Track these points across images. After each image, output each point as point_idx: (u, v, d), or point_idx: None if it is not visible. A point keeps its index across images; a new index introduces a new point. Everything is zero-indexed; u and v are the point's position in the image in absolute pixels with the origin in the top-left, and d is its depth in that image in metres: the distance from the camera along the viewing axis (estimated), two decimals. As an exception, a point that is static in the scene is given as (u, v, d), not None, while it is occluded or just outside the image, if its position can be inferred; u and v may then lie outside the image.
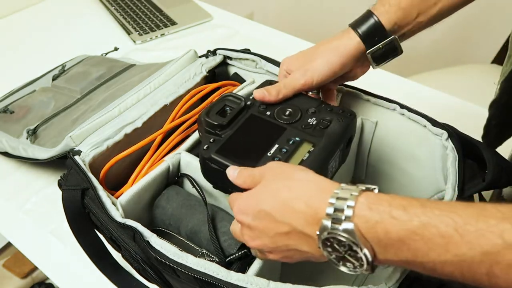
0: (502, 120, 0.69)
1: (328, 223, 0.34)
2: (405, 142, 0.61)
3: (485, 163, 0.50)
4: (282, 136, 0.49)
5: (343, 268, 0.36)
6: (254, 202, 0.40)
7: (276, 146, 0.47)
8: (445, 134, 0.55)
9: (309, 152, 0.47)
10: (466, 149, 0.53)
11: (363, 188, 0.35)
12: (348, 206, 0.34)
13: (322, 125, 0.50)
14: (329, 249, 0.35)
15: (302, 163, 0.45)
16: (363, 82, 0.63)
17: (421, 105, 0.61)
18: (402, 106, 0.60)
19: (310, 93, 0.58)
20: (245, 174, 0.43)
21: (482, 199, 0.53)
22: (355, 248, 0.33)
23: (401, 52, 0.56)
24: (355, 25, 0.54)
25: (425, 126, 0.58)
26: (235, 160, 0.46)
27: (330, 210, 0.34)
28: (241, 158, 0.46)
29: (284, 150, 0.47)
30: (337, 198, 0.34)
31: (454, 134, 0.55)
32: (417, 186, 0.62)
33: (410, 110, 0.59)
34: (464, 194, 0.50)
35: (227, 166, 0.46)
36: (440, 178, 0.57)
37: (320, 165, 0.47)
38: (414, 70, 1.32)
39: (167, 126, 0.62)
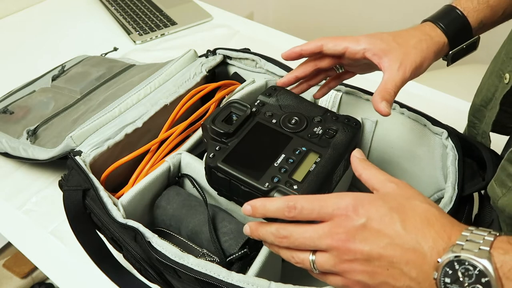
0: None
1: (458, 249, 0.31)
2: (405, 141, 0.61)
3: (484, 163, 0.50)
4: (289, 146, 0.49)
5: None
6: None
7: (283, 156, 0.48)
8: (445, 133, 0.55)
9: (315, 163, 0.47)
10: (465, 150, 0.54)
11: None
12: (485, 239, 0.31)
13: (328, 135, 0.50)
14: (447, 280, 0.31)
15: (308, 174, 0.46)
16: (363, 81, 0.63)
17: (421, 105, 0.61)
18: (402, 105, 0.60)
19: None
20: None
21: (482, 198, 0.53)
22: (483, 279, 0.30)
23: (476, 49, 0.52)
24: (439, 21, 0.50)
25: (425, 125, 0.58)
26: (241, 169, 0.46)
27: (462, 240, 0.32)
28: (248, 168, 0.46)
29: (291, 160, 0.47)
30: (471, 232, 0.32)
31: (454, 133, 0.55)
32: (417, 185, 0.62)
33: (410, 109, 0.59)
34: (464, 192, 0.50)
35: (233, 176, 0.46)
36: (440, 177, 0.57)
37: (326, 176, 0.47)
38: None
39: (162, 134, 0.63)
